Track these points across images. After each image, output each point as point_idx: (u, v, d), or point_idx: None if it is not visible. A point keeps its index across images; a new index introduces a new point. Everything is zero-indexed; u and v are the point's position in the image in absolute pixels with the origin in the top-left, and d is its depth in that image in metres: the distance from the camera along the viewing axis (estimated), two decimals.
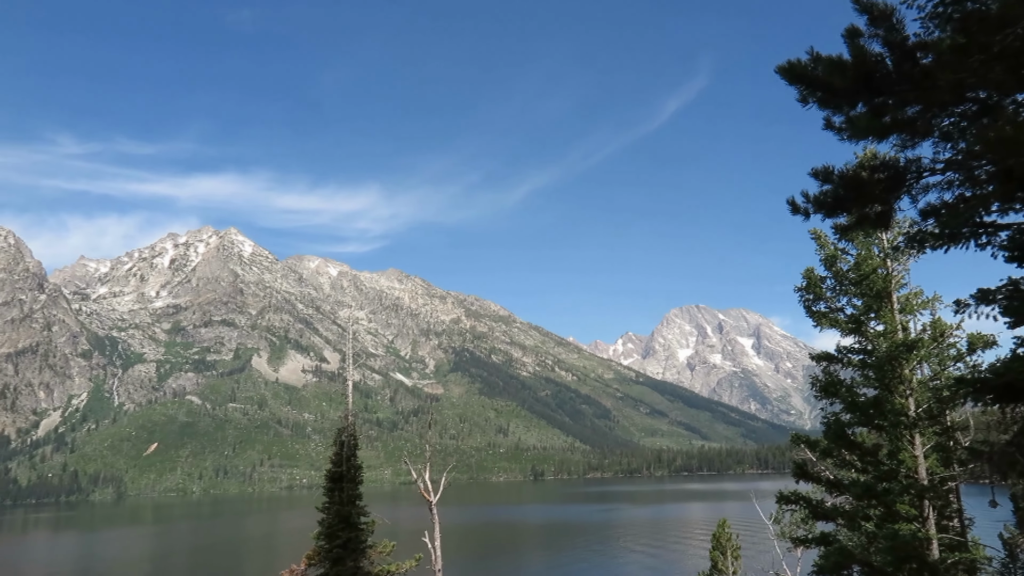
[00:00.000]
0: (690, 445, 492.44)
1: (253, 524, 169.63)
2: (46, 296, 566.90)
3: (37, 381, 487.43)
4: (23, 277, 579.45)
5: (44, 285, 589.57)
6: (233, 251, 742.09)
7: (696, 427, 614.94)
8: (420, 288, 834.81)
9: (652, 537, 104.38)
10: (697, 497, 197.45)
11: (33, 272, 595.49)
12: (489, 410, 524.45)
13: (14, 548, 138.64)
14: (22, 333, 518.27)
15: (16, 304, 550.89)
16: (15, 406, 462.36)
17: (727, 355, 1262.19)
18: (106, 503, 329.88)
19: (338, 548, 26.52)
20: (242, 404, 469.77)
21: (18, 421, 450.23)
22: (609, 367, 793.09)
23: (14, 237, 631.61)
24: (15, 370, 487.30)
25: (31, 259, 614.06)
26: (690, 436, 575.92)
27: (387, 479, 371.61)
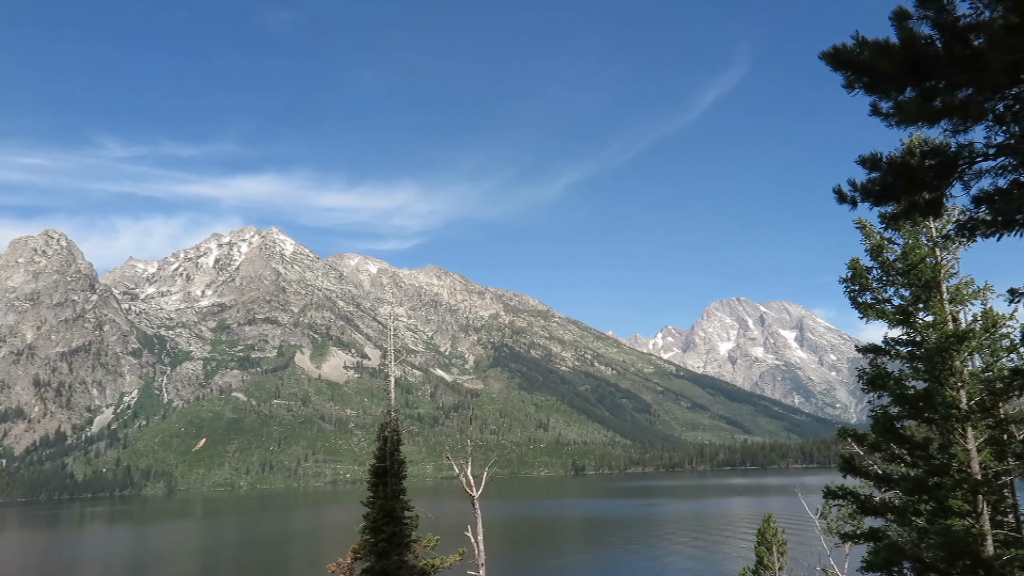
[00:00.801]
0: (732, 439, 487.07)
1: (299, 518, 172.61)
2: (97, 296, 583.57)
3: (90, 379, 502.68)
4: (75, 278, 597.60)
5: (95, 286, 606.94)
6: (275, 250, 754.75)
7: (738, 421, 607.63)
8: (458, 284, 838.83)
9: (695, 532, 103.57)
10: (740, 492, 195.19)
11: (85, 273, 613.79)
12: (529, 405, 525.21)
13: (73, 540, 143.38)
14: (75, 333, 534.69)
15: (69, 305, 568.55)
16: (70, 403, 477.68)
17: (769, 348, 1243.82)
18: (158, 497, 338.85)
19: (383, 542, 26.88)
20: (286, 400, 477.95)
21: (73, 418, 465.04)
22: (649, 361, 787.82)
23: (66, 240, 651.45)
24: (69, 368, 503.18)
25: (82, 261, 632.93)
26: (732, 430, 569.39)
27: (429, 474, 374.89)
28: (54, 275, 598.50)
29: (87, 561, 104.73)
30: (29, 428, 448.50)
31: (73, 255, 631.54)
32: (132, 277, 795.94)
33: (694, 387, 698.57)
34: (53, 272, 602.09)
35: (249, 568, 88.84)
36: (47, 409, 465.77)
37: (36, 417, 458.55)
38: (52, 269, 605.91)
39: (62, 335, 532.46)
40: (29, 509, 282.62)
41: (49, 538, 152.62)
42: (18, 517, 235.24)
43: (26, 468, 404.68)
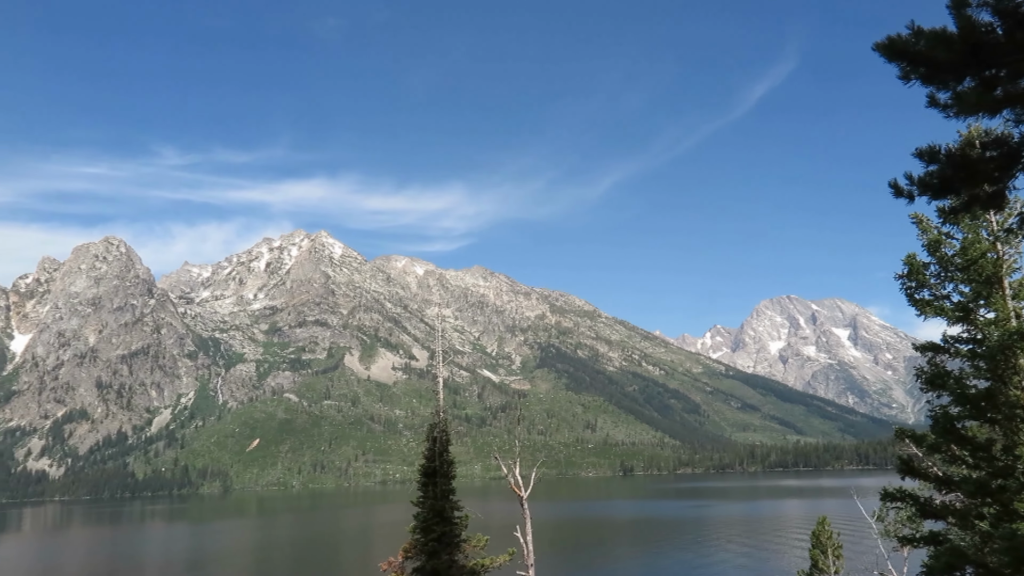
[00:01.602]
0: (784, 440, 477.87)
1: (350, 517, 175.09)
2: (155, 301, 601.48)
3: (149, 381, 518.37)
4: (134, 283, 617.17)
5: (153, 290, 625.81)
6: (324, 253, 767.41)
7: (790, 422, 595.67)
8: (505, 285, 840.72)
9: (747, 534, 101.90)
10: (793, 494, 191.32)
11: (143, 278, 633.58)
12: (576, 405, 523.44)
13: (135, 537, 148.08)
14: (134, 336, 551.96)
15: (129, 309, 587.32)
16: (130, 404, 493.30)
17: (822, 347, 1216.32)
18: (214, 496, 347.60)
19: (433, 542, 27.10)
20: (336, 401, 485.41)
21: (133, 419, 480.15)
22: (698, 361, 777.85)
23: (125, 246, 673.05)
24: (129, 370, 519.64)
25: (141, 266, 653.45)
26: (784, 431, 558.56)
27: (477, 474, 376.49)
28: (114, 280, 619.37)
29: (149, 558, 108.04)
30: (92, 428, 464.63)
31: (132, 261, 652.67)
32: (187, 281, 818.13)
33: (744, 387, 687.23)
34: (113, 277, 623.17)
35: (303, 566, 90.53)
36: (109, 410, 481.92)
37: (99, 418, 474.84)
38: (112, 275, 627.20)
39: (122, 338, 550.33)
40: (93, 507, 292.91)
41: (113, 535, 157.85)
42: (84, 514, 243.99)
43: (90, 467, 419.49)
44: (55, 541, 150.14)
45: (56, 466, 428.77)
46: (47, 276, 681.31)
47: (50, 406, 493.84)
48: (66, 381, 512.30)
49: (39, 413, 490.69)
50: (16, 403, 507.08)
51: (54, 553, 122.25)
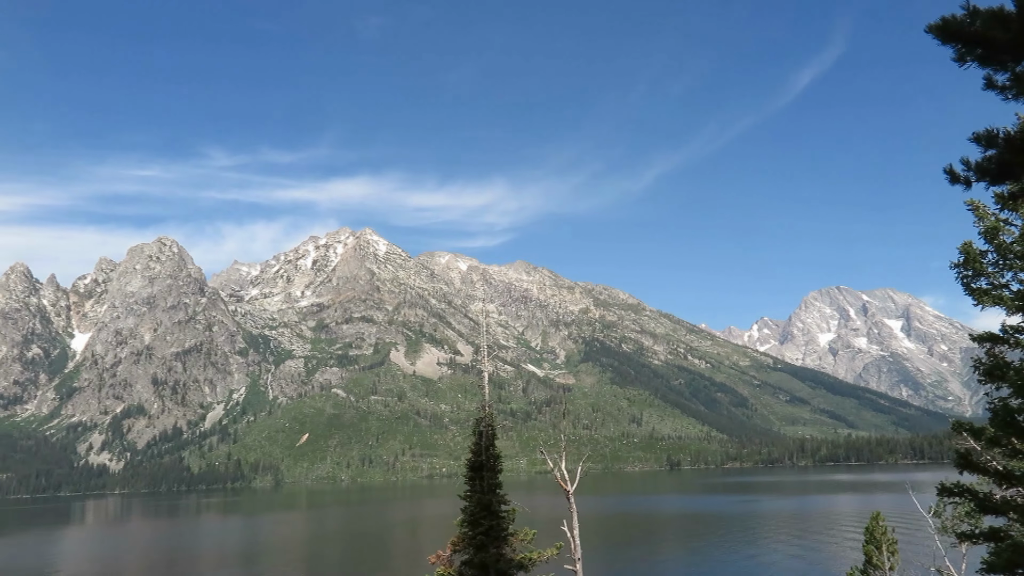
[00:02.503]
0: (835, 434, 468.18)
1: (398, 511, 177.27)
2: (206, 299, 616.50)
3: (202, 377, 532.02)
4: (186, 283, 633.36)
5: (204, 289, 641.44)
6: (369, 250, 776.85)
7: (841, 415, 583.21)
8: (548, 279, 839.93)
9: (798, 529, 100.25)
10: (846, 488, 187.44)
11: (195, 278, 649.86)
12: (621, 399, 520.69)
13: (192, 529, 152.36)
14: (188, 334, 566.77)
15: (182, 307, 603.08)
16: (185, 400, 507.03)
17: (873, 339, 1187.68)
18: (266, 490, 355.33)
19: (481, 535, 27.26)
20: (383, 396, 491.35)
21: (188, 414, 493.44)
22: (745, 354, 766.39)
23: (177, 246, 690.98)
24: (183, 367, 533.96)
25: (192, 266, 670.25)
26: (835, 424, 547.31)
27: (523, 468, 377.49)
28: (167, 280, 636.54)
29: (206, 549, 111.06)
30: (149, 424, 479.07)
31: (184, 260, 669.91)
32: (237, 280, 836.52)
33: (793, 380, 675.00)
34: (167, 277, 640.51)
35: (352, 558, 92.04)
36: (165, 406, 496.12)
37: (155, 413, 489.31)
38: (166, 274, 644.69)
39: (176, 336, 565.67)
40: (151, 499, 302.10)
41: (171, 527, 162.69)
42: (143, 507, 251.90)
43: (148, 461, 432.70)
44: (118, 533, 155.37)
45: (116, 460, 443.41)
46: (104, 276, 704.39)
47: (109, 402, 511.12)
48: (124, 378, 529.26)
49: (99, 409, 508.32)
50: (78, 399, 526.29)
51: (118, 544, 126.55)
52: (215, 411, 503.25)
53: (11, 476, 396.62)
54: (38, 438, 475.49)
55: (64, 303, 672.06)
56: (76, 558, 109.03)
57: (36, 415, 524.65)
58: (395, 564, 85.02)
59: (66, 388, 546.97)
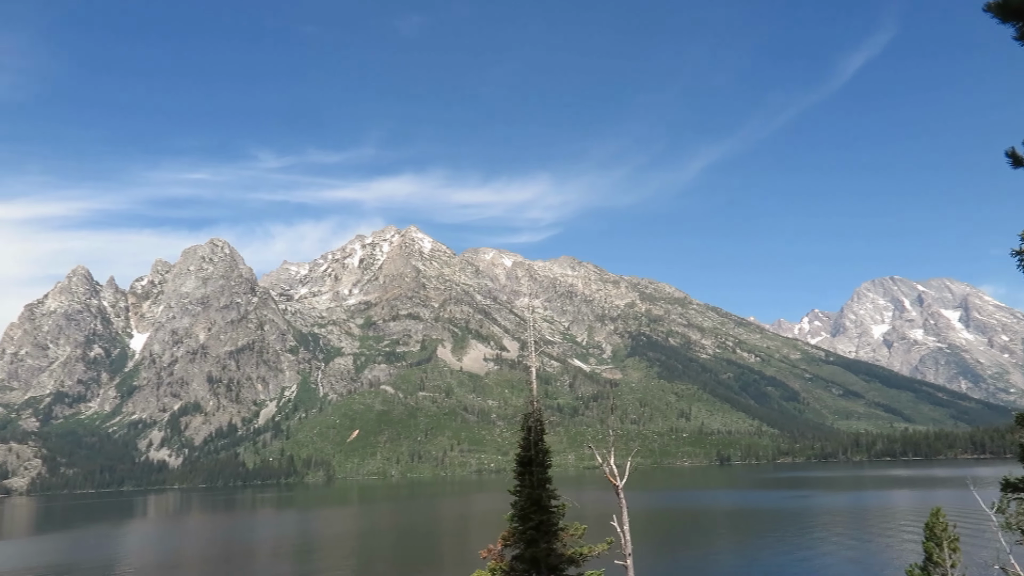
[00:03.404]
0: (891, 428, 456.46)
1: (447, 506, 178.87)
2: (257, 299, 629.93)
3: (255, 375, 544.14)
4: (238, 283, 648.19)
5: (255, 289, 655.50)
6: (414, 248, 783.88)
7: (897, 408, 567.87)
8: (593, 274, 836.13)
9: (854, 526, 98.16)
10: (903, 484, 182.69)
11: (246, 278, 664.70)
12: (669, 394, 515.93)
13: (249, 523, 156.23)
14: (240, 333, 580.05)
15: (234, 307, 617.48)
16: (239, 398, 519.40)
17: (929, 330, 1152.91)
18: (318, 485, 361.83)
19: (531, 530, 27.42)
20: (430, 393, 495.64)
21: (242, 411, 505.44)
22: (795, 347, 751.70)
23: (229, 247, 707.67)
24: (237, 366, 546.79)
25: (244, 266, 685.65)
26: (890, 418, 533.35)
27: (571, 464, 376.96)
28: (220, 280, 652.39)
29: (262, 542, 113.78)
30: (206, 421, 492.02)
31: (235, 261, 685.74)
32: (287, 279, 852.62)
33: (846, 373, 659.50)
34: (219, 277, 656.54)
35: (404, 552, 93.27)
36: (220, 403, 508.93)
37: (211, 411, 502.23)
38: (218, 275, 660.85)
39: (229, 335, 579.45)
40: (208, 494, 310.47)
41: (229, 521, 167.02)
42: (201, 501, 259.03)
43: (204, 457, 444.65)
44: (178, 526, 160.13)
45: (175, 456, 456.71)
46: (160, 278, 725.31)
47: (167, 400, 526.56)
48: (180, 376, 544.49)
49: (158, 407, 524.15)
50: (137, 397, 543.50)
51: (178, 537, 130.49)
52: (268, 408, 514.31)
53: (77, 471, 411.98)
54: (101, 435, 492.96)
55: (123, 304, 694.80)
56: (141, 551, 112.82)
57: (99, 412, 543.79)
58: (446, 558, 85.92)
59: (126, 386, 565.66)
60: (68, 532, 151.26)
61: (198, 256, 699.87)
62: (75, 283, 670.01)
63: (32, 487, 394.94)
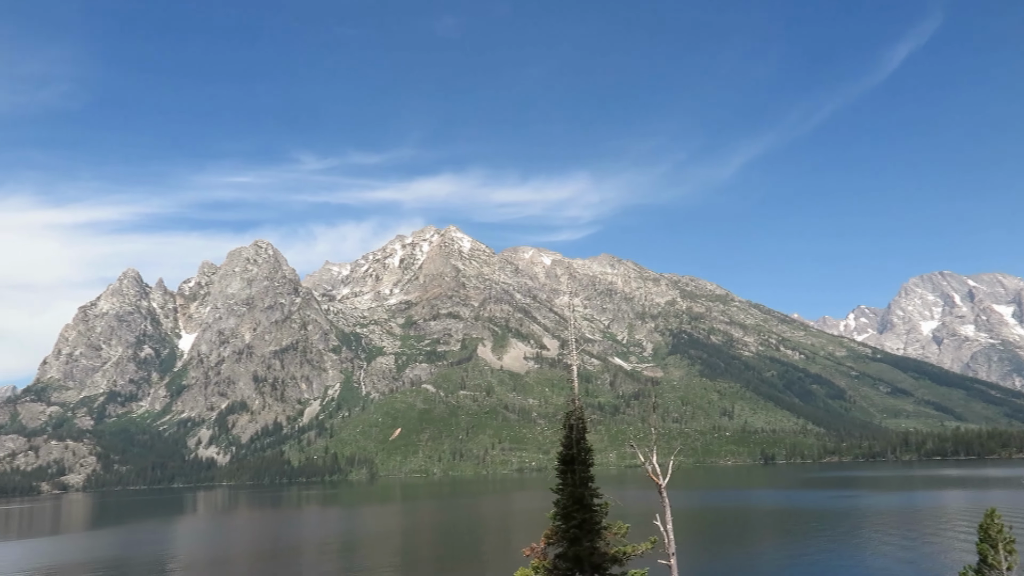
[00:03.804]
0: (942, 427, 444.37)
1: (489, 504, 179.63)
2: (301, 299, 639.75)
3: (299, 374, 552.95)
4: (282, 283, 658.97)
5: (299, 289, 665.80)
6: (453, 247, 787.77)
7: (948, 407, 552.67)
8: (633, 272, 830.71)
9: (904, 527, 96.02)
10: (955, 484, 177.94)
11: (289, 278, 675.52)
12: (711, 392, 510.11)
13: (295, 519, 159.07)
14: (284, 333, 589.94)
15: (278, 307, 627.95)
16: (284, 397, 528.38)
17: (981, 326, 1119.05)
18: (362, 483, 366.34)
19: (574, 528, 27.53)
20: (471, 391, 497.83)
21: (287, 410, 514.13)
22: (841, 344, 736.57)
23: (272, 249, 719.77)
24: (281, 365, 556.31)
25: (287, 267, 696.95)
26: (941, 416, 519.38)
27: (612, 462, 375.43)
28: (264, 281, 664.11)
29: (308, 538, 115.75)
30: (252, 419, 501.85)
31: (279, 262, 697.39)
32: (329, 279, 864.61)
33: (894, 371, 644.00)
34: (263, 279, 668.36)
35: (447, 549, 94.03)
36: (265, 402, 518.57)
37: (257, 409, 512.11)
38: (262, 276, 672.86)
39: (274, 335, 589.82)
40: (255, 491, 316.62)
41: (275, 517, 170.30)
42: (248, 498, 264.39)
43: (251, 455, 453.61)
44: (227, 522, 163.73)
45: (222, 454, 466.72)
46: (207, 279, 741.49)
47: (215, 399, 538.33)
48: (227, 376, 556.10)
49: (206, 405, 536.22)
50: (186, 396, 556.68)
51: (227, 533, 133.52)
52: (312, 407, 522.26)
53: (130, 468, 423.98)
54: (152, 433, 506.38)
55: (171, 305, 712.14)
56: (192, 546, 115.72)
57: (150, 411, 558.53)
58: (489, 556, 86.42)
59: (175, 386, 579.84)
60: (123, 527, 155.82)
61: (243, 258, 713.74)
62: (126, 285, 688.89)
63: (88, 483, 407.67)
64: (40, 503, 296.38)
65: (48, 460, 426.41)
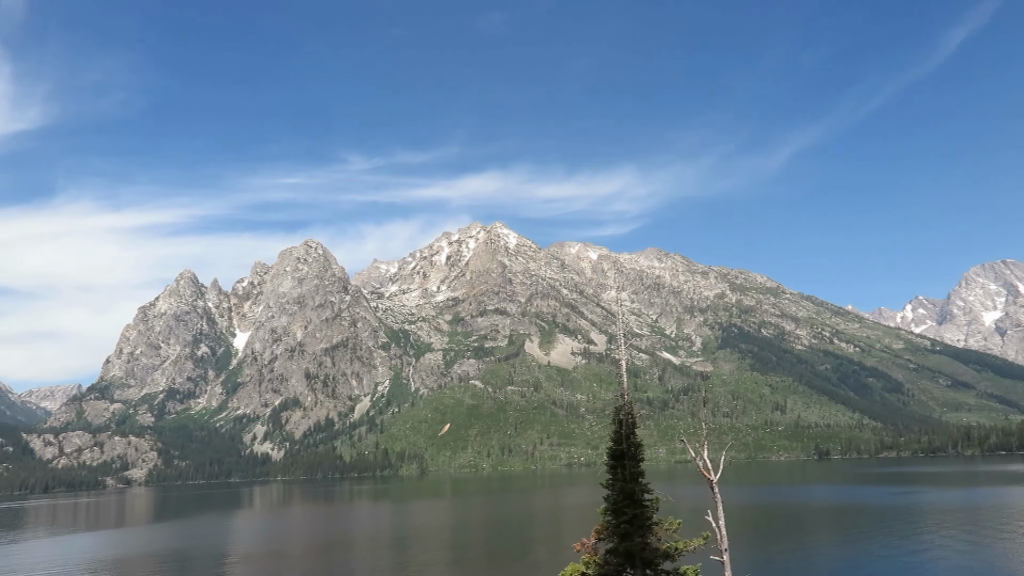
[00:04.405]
0: (1007, 420, 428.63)
1: (539, 499, 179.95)
2: (350, 297, 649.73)
3: (349, 371, 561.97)
4: (331, 282, 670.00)
5: (348, 287, 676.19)
6: (500, 244, 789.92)
7: (1013, 400, 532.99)
8: (680, 265, 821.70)
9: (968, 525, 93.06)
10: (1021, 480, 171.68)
11: (339, 277, 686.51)
12: (763, 387, 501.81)
13: (348, 513, 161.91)
14: (335, 330, 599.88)
15: (328, 306, 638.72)
16: (335, 393, 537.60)
17: None
18: (412, 477, 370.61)
19: (625, 524, 27.48)
20: (519, 387, 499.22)
21: (338, 406, 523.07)
22: (898, 336, 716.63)
23: (322, 248, 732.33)
24: (332, 362, 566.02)
25: (336, 266, 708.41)
26: (1006, 410, 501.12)
27: (662, 458, 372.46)
28: (315, 280, 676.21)
29: (361, 531, 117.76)
30: (305, 416, 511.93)
31: (328, 261, 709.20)
32: (377, 277, 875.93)
33: (954, 363, 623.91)
34: (314, 277, 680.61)
35: (497, 544, 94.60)
36: (317, 399, 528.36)
37: (309, 406, 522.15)
38: (313, 275, 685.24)
39: (324, 333, 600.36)
40: (309, 486, 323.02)
41: (328, 511, 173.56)
42: (302, 492, 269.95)
43: (304, 450, 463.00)
44: (282, 516, 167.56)
45: (276, 449, 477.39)
46: (259, 279, 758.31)
47: (268, 396, 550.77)
48: (280, 373, 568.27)
49: (260, 402, 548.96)
50: (242, 393, 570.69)
51: (283, 526, 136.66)
52: (362, 403, 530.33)
53: (189, 463, 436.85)
54: (210, 429, 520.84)
55: (226, 305, 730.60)
56: (249, 538, 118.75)
57: (207, 408, 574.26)
58: (539, 551, 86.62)
59: (231, 383, 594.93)
60: (184, 520, 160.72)
61: (293, 257, 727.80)
62: (182, 286, 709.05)
63: (150, 478, 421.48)
64: (106, 497, 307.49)
65: (112, 456, 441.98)
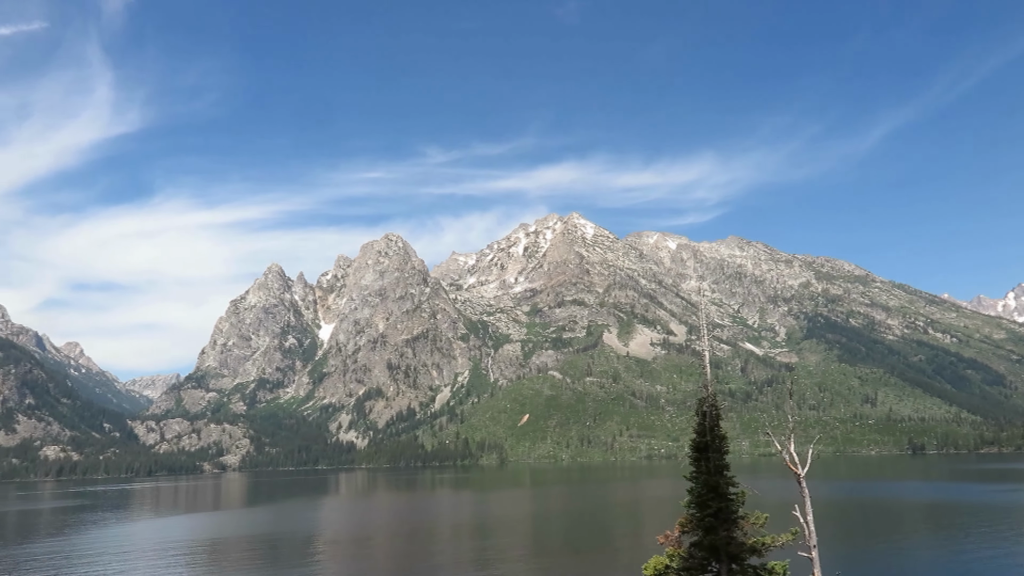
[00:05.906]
0: None
1: (619, 490, 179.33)
2: (430, 289, 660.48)
3: (430, 362, 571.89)
4: (411, 275, 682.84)
5: (427, 280, 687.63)
6: (577, 234, 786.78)
7: None
8: (763, 253, 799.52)
9: None
10: None
11: (418, 269, 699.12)
12: (852, 378, 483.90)
13: (430, 502, 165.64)
14: (415, 322, 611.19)
15: (409, 298, 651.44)
16: (416, 384, 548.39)
17: None
18: (492, 467, 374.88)
19: (710, 517, 27.40)
20: (598, 378, 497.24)
21: (419, 396, 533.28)
22: (999, 325, 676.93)
23: (402, 241, 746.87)
24: (413, 353, 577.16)
25: (416, 259, 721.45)
26: None
27: (745, 451, 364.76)
28: (395, 272, 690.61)
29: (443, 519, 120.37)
30: (387, 405, 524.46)
31: (408, 254, 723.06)
32: (456, 269, 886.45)
33: None
34: (394, 270, 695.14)
35: (579, 534, 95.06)
36: (399, 389, 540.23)
37: (392, 396, 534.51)
38: (393, 267, 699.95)
39: (405, 324, 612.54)
40: (392, 474, 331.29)
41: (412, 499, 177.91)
42: (386, 480, 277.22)
43: (387, 439, 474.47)
44: (367, 503, 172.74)
45: (361, 438, 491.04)
46: (342, 272, 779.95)
47: (353, 386, 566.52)
48: (363, 364, 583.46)
49: (345, 392, 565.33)
50: (327, 383, 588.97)
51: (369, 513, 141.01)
52: (443, 393, 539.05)
53: (279, 451, 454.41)
54: (298, 418, 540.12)
55: (311, 298, 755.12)
56: (337, 524, 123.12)
57: (295, 397, 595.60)
58: (621, 543, 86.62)
59: (317, 373, 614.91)
60: (275, 505, 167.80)
61: (375, 251, 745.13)
62: (271, 279, 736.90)
63: (243, 463, 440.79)
64: (203, 481, 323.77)
65: (208, 442, 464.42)
